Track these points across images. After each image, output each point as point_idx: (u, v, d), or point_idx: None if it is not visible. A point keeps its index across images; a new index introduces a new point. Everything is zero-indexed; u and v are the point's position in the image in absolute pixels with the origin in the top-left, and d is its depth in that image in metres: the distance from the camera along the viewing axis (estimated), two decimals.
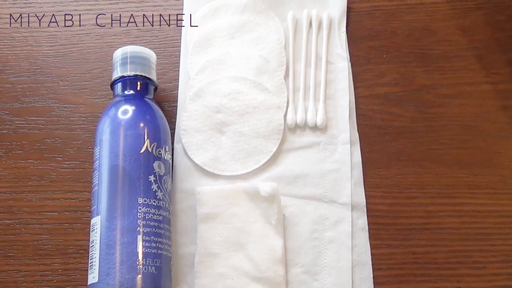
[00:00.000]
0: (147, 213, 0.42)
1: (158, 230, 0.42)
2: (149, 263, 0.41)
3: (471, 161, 0.50)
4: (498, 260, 0.47)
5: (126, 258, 0.41)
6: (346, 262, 0.47)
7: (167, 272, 0.43)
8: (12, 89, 0.53)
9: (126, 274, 0.40)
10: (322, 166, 0.50)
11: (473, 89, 0.53)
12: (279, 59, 0.53)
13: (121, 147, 0.44)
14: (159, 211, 0.43)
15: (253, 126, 0.50)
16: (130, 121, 0.45)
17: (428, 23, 0.55)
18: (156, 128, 0.46)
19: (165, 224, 0.43)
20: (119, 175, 0.43)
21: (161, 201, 0.43)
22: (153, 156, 0.44)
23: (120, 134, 0.44)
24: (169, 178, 0.45)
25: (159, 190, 0.43)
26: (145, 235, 0.41)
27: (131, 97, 0.47)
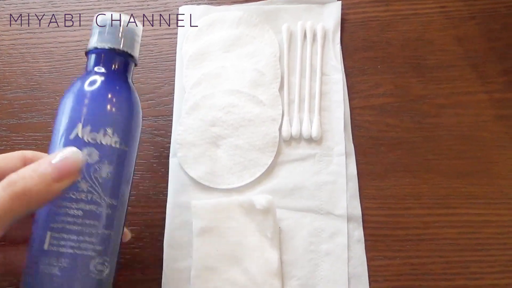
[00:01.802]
0: (63, 207, 0.36)
1: (72, 227, 0.36)
2: (53, 262, 0.35)
3: (468, 171, 0.50)
4: (495, 271, 0.47)
5: (34, 253, 0.36)
6: (343, 274, 0.47)
7: (79, 273, 0.36)
8: (9, 105, 0.53)
9: (28, 271, 0.36)
10: (318, 178, 0.50)
11: (469, 98, 0.53)
12: (274, 71, 0.53)
13: (57, 130, 0.38)
14: (79, 204, 0.36)
15: (249, 139, 0.50)
16: (68, 101, 0.39)
17: (423, 33, 0.55)
18: (96, 107, 0.38)
19: (86, 219, 0.36)
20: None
21: (85, 194, 0.36)
22: (83, 143, 0.37)
23: (59, 115, 0.39)
24: (105, 165, 0.37)
25: (84, 180, 0.36)
26: (54, 232, 0.36)
27: (93, 73, 0.40)
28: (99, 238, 0.37)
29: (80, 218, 0.36)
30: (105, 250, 0.37)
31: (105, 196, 0.37)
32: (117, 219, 0.38)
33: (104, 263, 0.37)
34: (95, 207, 0.37)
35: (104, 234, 0.37)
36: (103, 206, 0.37)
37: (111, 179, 0.38)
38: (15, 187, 0.32)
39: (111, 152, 0.38)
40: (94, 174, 0.37)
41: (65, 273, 0.35)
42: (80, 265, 0.36)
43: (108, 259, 0.37)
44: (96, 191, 0.37)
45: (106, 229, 0.37)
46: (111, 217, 0.38)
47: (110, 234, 0.38)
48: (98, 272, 0.36)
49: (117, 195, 0.38)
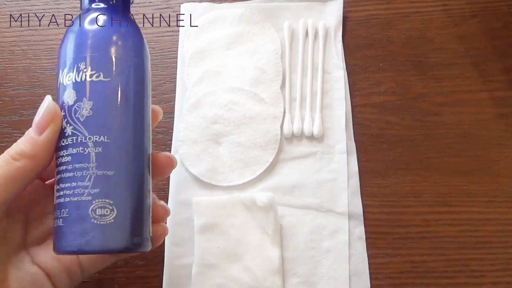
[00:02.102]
0: (59, 157, 0.35)
1: (65, 174, 0.34)
2: (58, 215, 0.34)
3: (469, 169, 0.50)
4: (496, 269, 0.47)
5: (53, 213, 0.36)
6: (344, 272, 0.47)
7: (79, 220, 0.34)
8: (11, 102, 0.53)
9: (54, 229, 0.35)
10: (319, 175, 0.50)
11: (470, 97, 0.53)
12: (275, 69, 0.53)
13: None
14: (67, 150, 0.34)
15: (250, 137, 0.50)
16: (61, 46, 0.37)
17: (424, 31, 0.55)
18: (69, 48, 0.36)
19: (76, 163, 0.34)
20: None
21: (70, 137, 0.34)
22: (63, 87, 0.36)
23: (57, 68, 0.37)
24: (85, 102, 0.35)
25: (68, 124, 0.35)
26: (56, 184, 0.35)
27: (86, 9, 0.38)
28: (92, 180, 0.34)
29: (70, 164, 0.34)
30: (104, 192, 0.34)
31: (91, 134, 0.34)
32: (116, 158, 0.35)
33: (106, 206, 0.34)
34: (82, 148, 0.34)
35: (98, 175, 0.34)
36: (90, 146, 0.34)
37: (95, 115, 0.35)
38: (10, 151, 0.34)
39: (88, 87, 0.35)
40: (76, 114, 0.35)
41: (67, 222, 0.34)
42: (78, 211, 0.34)
43: (111, 201, 0.34)
44: (80, 132, 0.34)
45: (100, 169, 0.34)
46: (105, 155, 0.35)
47: (108, 174, 0.34)
48: (100, 216, 0.34)
49: (107, 131, 0.35)
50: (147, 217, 0.36)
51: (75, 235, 0.33)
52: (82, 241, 0.33)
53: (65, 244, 0.34)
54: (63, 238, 0.34)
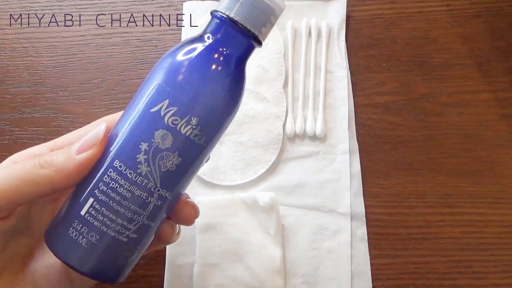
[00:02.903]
0: (115, 181, 0.33)
1: (115, 206, 0.33)
2: (84, 232, 0.33)
3: (471, 170, 0.50)
4: (498, 271, 0.47)
5: (69, 213, 0.34)
6: (345, 272, 0.47)
7: (105, 253, 0.33)
8: (13, 99, 0.53)
9: (60, 228, 0.34)
10: (321, 175, 0.50)
11: (473, 97, 0.52)
12: (278, 68, 0.53)
13: (143, 94, 0.34)
14: (131, 187, 0.33)
15: (252, 136, 0.50)
16: (164, 67, 0.34)
17: (427, 31, 0.55)
18: (194, 93, 0.33)
19: (133, 205, 0.33)
20: (122, 126, 0.34)
21: (141, 177, 0.33)
22: (161, 122, 0.33)
23: (151, 78, 0.34)
24: (175, 156, 0.33)
25: (146, 164, 0.33)
26: (97, 202, 0.33)
27: (203, 44, 0.34)
28: (137, 226, 0.34)
29: (127, 200, 0.33)
30: (139, 240, 0.34)
31: (161, 187, 0.33)
32: (163, 212, 0.35)
33: (133, 251, 0.34)
34: (146, 195, 0.33)
35: (144, 224, 0.34)
36: (154, 197, 0.34)
37: (174, 173, 0.34)
38: (42, 158, 0.33)
39: (186, 144, 0.33)
40: (159, 161, 0.33)
41: (90, 247, 0.33)
42: (108, 245, 0.33)
43: (139, 248, 0.35)
44: (153, 180, 0.33)
45: (148, 220, 0.34)
46: (158, 210, 0.34)
47: (150, 226, 0.34)
48: (123, 258, 0.34)
49: (174, 189, 0.34)
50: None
51: (92, 261, 0.33)
52: (95, 269, 0.33)
53: (76, 261, 0.33)
54: (77, 254, 0.33)
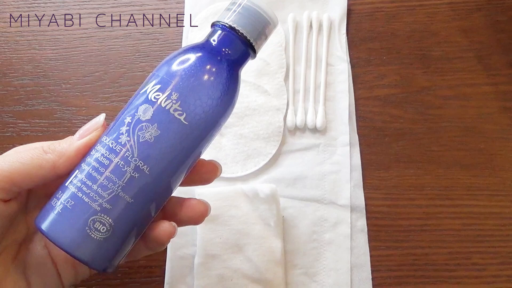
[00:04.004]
0: (98, 152, 0.34)
1: (93, 173, 0.34)
2: (61, 197, 0.34)
3: (471, 163, 0.50)
4: (497, 262, 0.47)
5: (58, 188, 0.35)
6: (345, 264, 0.47)
7: (75, 219, 0.33)
8: (16, 92, 0.54)
9: (48, 203, 0.35)
10: (322, 168, 0.50)
11: (473, 90, 0.53)
12: (279, 61, 0.53)
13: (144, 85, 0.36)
14: (110, 154, 0.34)
15: (253, 128, 0.51)
16: (168, 60, 0.37)
17: (428, 24, 0.55)
18: (180, 76, 0.35)
19: (109, 172, 0.34)
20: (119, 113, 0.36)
21: (120, 146, 0.34)
22: (145, 98, 0.35)
23: (154, 72, 0.37)
24: (153, 128, 0.34)
25: (126, 134, 0.34)
26: (79, 172, 0.34)
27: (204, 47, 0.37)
28: (111, 195, 0.34)
29: (104, 167, 0.34)
30: (112, 211, 0.34)
31: (138, 157, 0.34)
32: (143, 191, 0.35)
33: (105, 224, 0.34)
34: (122, 163, 0.34)
35: (120, 195, 0.34)
36: (131, 167, 0.34)
37: (153, 144, 0.34)
38: (46, 144, 0.36)
39: (165, 117, 0.34)
40: (138, 131, 0.34)
41: (64, 212, 0.33)
42: (80, 211, 0.33)
43: (113, 223, 0.34)
44: (131, 148, 0.34)
45: (124, 191, 0.34)
46: (136, 183, 0.34)
47: (126, 200, 0.34)
48: (94, 229, 0.33)
49: (153, 164, 0.34)
50: (128, 249, 0.36)
51: (63, 227, 0.33)
52: (65, 236, 0.33)
53: (47, 226, 0.34)
54: (51, 220, 0.34)
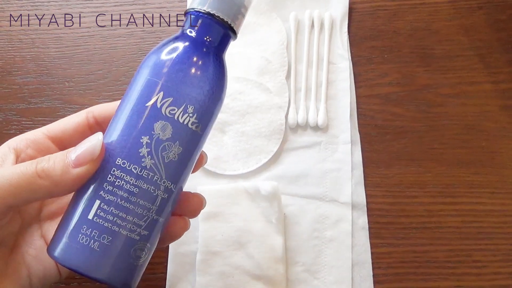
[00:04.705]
0: (120, 179, 0.33)
1: (124, 203, 0.33)
2: (95, 235, 0.32)
3: (472, 161, 0.50)
4: (498, 259, 0.47)
5: (75, 219, 0.33)
6: (346, 261, 0.47)
7: (119, 254, 0.33)
8: (19, 90, 0.54)
9: (67, 237, 0.33)
10: (323, 165, 0.50)
11: (474, 88, 0.53)
12: (281, 59, 0.53)
13: (134, 91, 0.34)
14: (138, 181, 0.33)
15: (255, 126, 0.51)
16: (152, 63, 0.34)
17: (430, 23, 0.55)
18: (185, 82, 0.34)
19: (142, 200, 0.33)
20: (117, 125, 0.34)
21: (147, 171, 0.33)
22: (159, 114, 0.33)
23: (139, 75, 0.35)
24: (176, 145, 0.34)
25: (149, 156, 0.33)
26: (104, 203, 0.33)
27: (185, 38, 0.36)
28: (148, 222, 0.33)
29: (135, 196, 0.33)
30: (149, 236, 0.34)
31: (166, 179, 0.34)
32: (169, 206, 0.35)
33: (144, 249, 0.34)
34: (153, 188, 0.33)
35: (154, 219, 0.34)
36: (161, 189, 0.34)
37: (177, 163, 0.34)
38: (39, 165, 0.33)
39: (185, 133, 0.34)
40: (162, 152, 0.33)
41: (103, 250, 0.32)
42: (121, 245, 0.33)
43: (149, 246, 0.34)
44: (159, 171, 0.33)
45: (157, 214, 0.34)
46: (165, 203, 0.34)
47: (159, 221, 0.34)
48: (136, 257, 0.34)
49: (177, 180, 0.35)
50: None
51: (106, 265, 0.33)
52: (110, 272, 0.33)
53: (89, 266, 0.32)
54: (91, 260, 0.32)
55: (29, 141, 0.38)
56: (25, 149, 0.37)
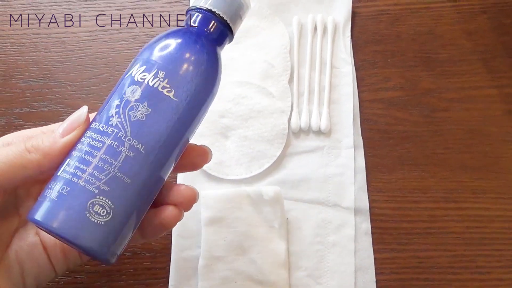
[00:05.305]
0: (89, 137, 0.34)
1: (86, 157, 0.33)
2: (55, 186, 0.33)
3: (476, 166, 0.50)
4: (502, 265, 0.47)
5: (51, 179, 0.34)
6: (349, 266, 0.47)
7: (74, 204, 0.33)
8: (22, 94, 0.54)
9: (40, 196, 0.34)
10: (326, 170, 0.50)
11: (478, 93, 0.53)
12: (283, 63, 0.53)
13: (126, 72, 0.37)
14: (102, 137, 0.34)
15: (257, 131, 0.51)
16: (143, 50, 0.37)
17: (433, 27, 0.55)
18: (164, 56, 0.36)
19: (104, 154, 0.33)
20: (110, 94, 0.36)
21: (112, 127, 0.34)
22: (132, 81, 0.35)
23: (137, 57, 0.37)
24: (144, 106, 0.34)
25: (116, 115, 0.34)
26: (71, 159, 0.34)
27: (180, 30, 0.38)
28: (108, 176, 0.33)
29: (98, 150, 0.33)
30: (111, 193, 0.33)
31: (132, 137, 0.34)
32: (140, 170, 0.34)
33: (105, 206, 0.33)
34: (117, 143, 0.34)
35: (117, 176, 0.34)
36: (125, 146, 0.34)
37: (145, 123, 0.34)
38: (28, 142, 0.34)
39: (155, 95, 0.35)
40: (129, 111, 0.34)
41: (59, 200, 0.33)
42: (77, 196, 0.33)
43: (112, 206, 0.33)
44: (123, 128, 0.34)
45: (121, 171, 0.34)
46: (132, 162, 0.34)
47: (124, 180, 0.34)
48: (94, 213, 0.33)
49: (147, 142, 0.35)
50: (129, 235, 0.35)
51: (60, 214, 0.32)
52: (63, 223, 0.32)
53: (44, 216, 0.33)
54: (47, 210, 0.33)
55: (26, 137, 0.38)
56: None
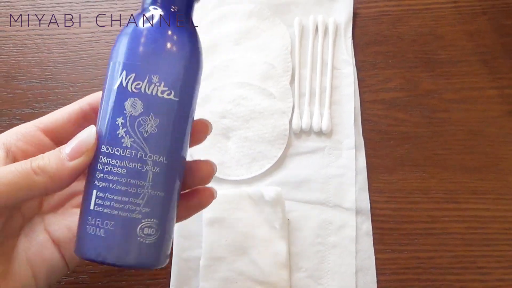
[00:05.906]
0: (108, 164, 0.33)
1: (116, 187, 0.33)
2: (99, 223, 0.33)
3: (476, 166, 0.50)
4: (503, 266, 0.47)
5: (83, 214, 0.34)
6: (350, 267, 0.47)
7: (125, 236, 0.33)
8: (24, 95, 0.54)
9: (80, 232, 0.34)
10: (327, 171, 0.50)
11: (478, 94, 0.53)
12: (284, 64, 0.53)
13: (106, 79, 0.35)
14: (123, 162, 0.33)
15: (258, 131, 0.51)
16: (113, 48, 0.35)
17: (434, 28, 0.55)
18: (145, 54, 0.34)
19: (132, 179, 0.33)
20: (99, 115, 0.35)
21: (128, 150, 0.33)
22: (127, 92, 0.33)
23: (109, 61, 0.35)
24: (151, 118, 0.33)
25: (127, 136, 0.33)
26: (99, 191, 0.33)
27: (144, 12, 0.36)
28: (145, 199, 0.33)
29: (124, 177, 0.33)
30: (153, 212, 0.34)
31: (152, 152, 0.34)
32: (169, 179, 0.35)
33: (152, 226, 0.34)
34: (140, 164, 0.33)
35: (152, 194, 0.34)
36: (149, 164, 0.34)
37: (159, 134, 0.34)
38: (34, 162, 0.33)
39: (157, 103, 0.34)
40: (139, 128, 0.33)
41: (110, 235, 0.33)
42: (125, 227, 0.33)
43: (158, 222, 0.34)
44: (141, 147, 0.33)
45: (154, 189, 0.34)
46: (160, 177, 0.34)
47: (160, 195, 0.34)
48: (146, 236, 0.33)
49: (166, 152, 0.34)
50: (173, 233, 0.36)
51: (116, 248, 0.33)
52: (122, 255, 0.33)
53: (101, 254, 0.33)
54: (101, 247, 0.33)
55: (20, 134, 0.37)
56: (15, 142, 0.37)
